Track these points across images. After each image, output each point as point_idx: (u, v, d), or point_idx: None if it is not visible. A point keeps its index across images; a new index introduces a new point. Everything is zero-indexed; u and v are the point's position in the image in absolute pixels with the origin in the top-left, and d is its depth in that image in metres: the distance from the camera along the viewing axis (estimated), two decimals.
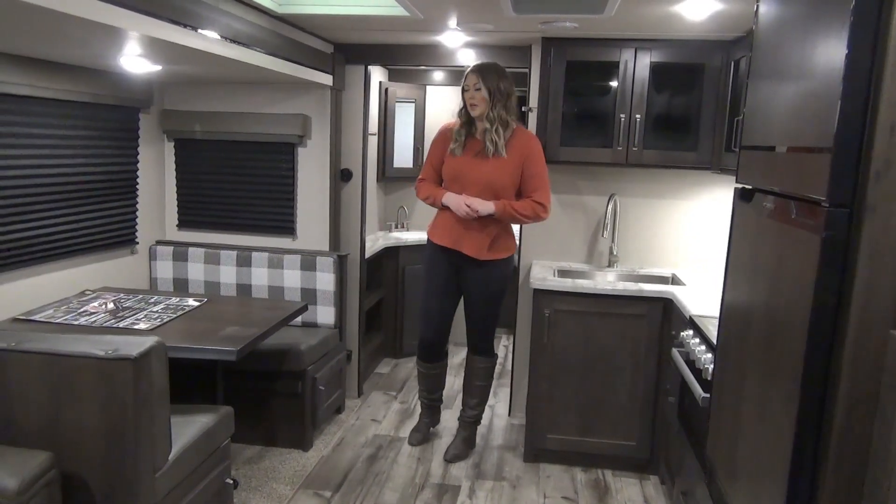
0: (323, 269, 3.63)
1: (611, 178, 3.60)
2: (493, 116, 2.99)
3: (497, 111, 2.99)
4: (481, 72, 3.00)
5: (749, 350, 1.74)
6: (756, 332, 1.70)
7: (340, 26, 3.28)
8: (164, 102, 3.77)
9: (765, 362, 1.61)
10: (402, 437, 3.56)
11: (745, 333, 1.79)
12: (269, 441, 3.36)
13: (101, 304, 2.95)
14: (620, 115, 3.30)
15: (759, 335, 1.67)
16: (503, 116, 3.00)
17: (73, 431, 1.93)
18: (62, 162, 3.03)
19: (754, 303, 1.73)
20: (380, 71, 4.85)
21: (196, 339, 2.58)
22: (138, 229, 3.62)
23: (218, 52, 2.53)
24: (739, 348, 1.84)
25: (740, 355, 1.82)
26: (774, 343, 1.55)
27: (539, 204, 3.04)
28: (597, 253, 3.70)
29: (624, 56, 3.27)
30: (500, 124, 2.99)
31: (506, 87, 3.00)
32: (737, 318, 1.89)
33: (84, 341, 1.97)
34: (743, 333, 1.82)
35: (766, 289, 1.64)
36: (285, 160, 3.73)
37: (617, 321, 3.17)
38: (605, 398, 3.23)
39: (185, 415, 2.39)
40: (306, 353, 3.28)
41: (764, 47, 1.77)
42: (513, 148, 3.01)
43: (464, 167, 3.08)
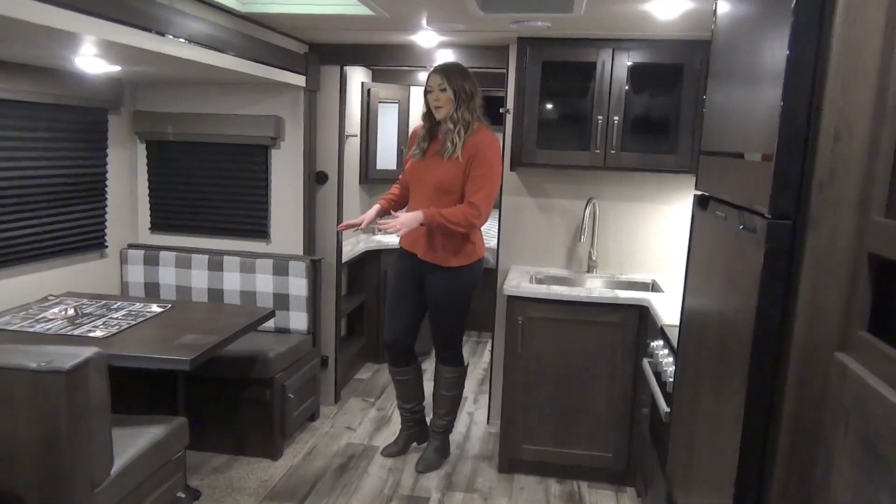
0: (295, 273, 3.56)
1: (589, 181, 3.51)
2: (456, 117, 2.91)
3: (461, 112, 2.90)
4: (445, 72, 2.91)
5: (703, 362, 1.67)
6: (709, 344, 1.62)
7: (308, 26, 3.21)
8: (136, 103, 3.70)
9: (717, 376, 1.53)
10: (375, 446, 3.49)
11: (701, 345, 1.71)
12: (238, 450, 3.29)
13: (61, 310, 2.88)
14: (598, 117, 3.21)
15: (712, 348, 1.59)
16: (466, 117, 2.91)
17: (6, 445, 1.86)
18: (23, 164, 2.96)
19: (708, 314, 1.65)
20: (362, 72, 4.77)
21: (150, 347, 2.51)
22: (108, 232, 3.56)
23: (178, 55, 2.47)
24: (696, 360, 1.76)
25: (696, 367, 1.74)
26: (725, 357, 1.47)
27: (472, 207, 2.88)
28: (576, 258, 3.61)
29: (601, 56, 3.19)
30: (462, 125, 2.91)
31: (470, 88, 2.92)
32: (693, 330, 1.81)
33: (18, 353, 1.90)
34: (698, 345, 1.74)
35: (717, 300, 1.56)
36: (258, 162, 3.66)
37: (593, 329, 3.08)
38: (582, 408, 3.14)
39: (135, 426, 2.32)
40: (274, 360, 3.21)
41: (720, 48, 1.70)
42: (465, 148, 2.92)
43: (420, 169, 3.01)
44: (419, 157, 3.03)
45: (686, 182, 3.39)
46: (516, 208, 3.62)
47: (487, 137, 2.97)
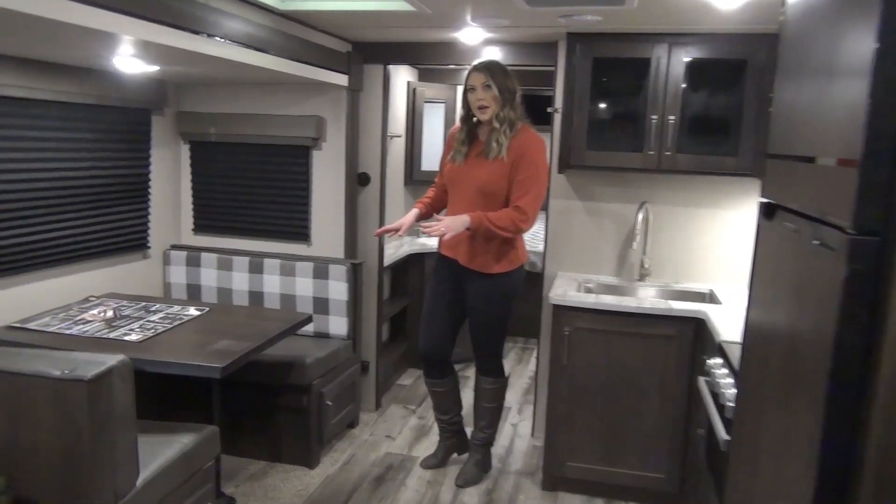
0: (336, 277, 3.48)
1: (642, 184, 3.32)
2: (502, 116, 2.76)
3: (506, 111, 2.76)
4: (489, 69, 2.77)
5: (769, 390, 1.49)
6: (775, 370, 1.44)
7: (349, 23, 3.13)
8: (179, 104, 3.69)
9: (785, 408, 1.35)
10: (414, 457, 3.38)
11: (765, 370, 1.53)
12: (275, 457, 3.23)
13: (100, 312, 2.87)
14: (652, 117, 3.03)
15: (779, 374, 1.41)
16: (510, 116, 2.77)
17: (29, 454, 1.82)
18: (66, 165, 2.96)
19: (775, 335, 1.47)
20: (408, 71, 4.69)
21: (183, 353, 2.45)
22: (151, 233, 3.55)
23: (216, 54, 2.42)
24: (759, 386, 1.58)
25: (760, 394, 1.56)
26: (794, 387, 1.29)
27: (519, 211, 2.74)
28: (627, 266, 3.42)
29: (657, 52, 3.00)
30: (507, 125, 2.77)
31: (512, 85, 2.77)
32: (757, 353, 1.62)
33: (43, 359, 1.85)
34: (762, 369, 1.56)
35: (786, 321, 1.38)
36: (299, 163, 3.60)
37: (644, 342, 2.90)
38: (631, 425, 2.96)
39: (164, 434, 2.27)
40: (312, 366, 3.13)
41: (790, 41, 1.52)
42: (510, 149, 2.78)
43: (462, 172, 2.88)
44: (460, 161, 2.90)
45: (748, 186, 3.17)
46: (564, 212, 3.46)
47: (533, 138, 2.82)
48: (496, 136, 2.76)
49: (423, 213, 3.07)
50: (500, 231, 2.74)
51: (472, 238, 2.84)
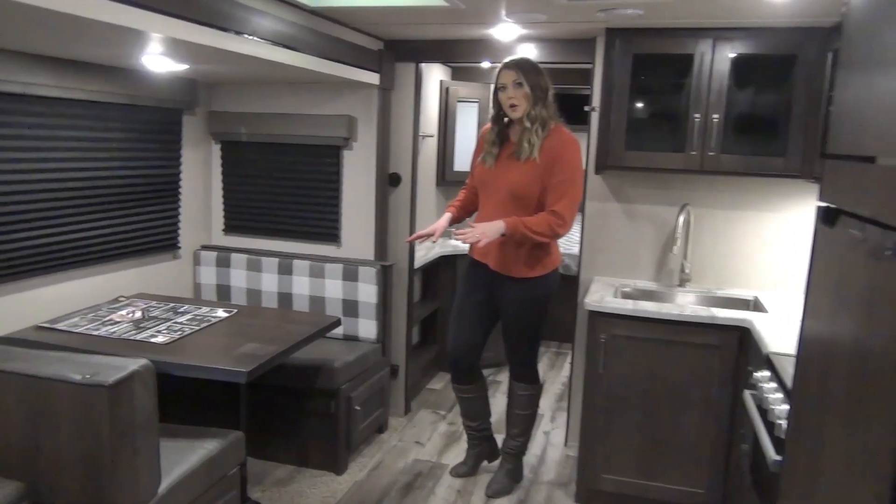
0: (365, 279, 3.41)
1: (683, 186, 3.19)
2: (534, 115, 2.66)
3: (538, 109, 2.66)
4: (520, 66, 2.67)
5: (831, 412, 1.36)
6: (839, 389, 1.31)
7: (380, 20, 3.06)
8: (211, 104, 3.67)
9: (851, 433, 1.23)
10: (444, 464, 3.29)
11: (826, 388, 1.40)
12: (302, 462, 3.17)
13: (129, 312, 2.85)
14: (695, 116, 2.90)
15: (844, 395, 1.28)
16: (543, 115, 2.67)
17: (51, 460, 1.79)
18: (97, 165, 2.95)
19: (837, 351, 1.34)
20: (441, 69, 4.61)
21: (209, 356, 2.41)
22: (181, 234, 3.53)
23: (245, 52, 2.37)
24: (818, 406, 1.45)
25: (819, 415, 1.44)
26: (863, 410, 1.17)
27: (555, 216, 2.63)
28: (666, 270, 3.29)
29: (700, 48, 2.87)
30: (539, 124, 2.67)
31: (544, 83, 2.67)
32: (815, 368, 1.50)
33: (65, 363, 1.82)
34: (822, 387, 1.43)
35: (851, 336, 1.26)
36: (330, 163, 3.55)
37: (685, 351, 2.77)
38: (670, 438, 2.83)
39: (188, 439, 2.23)
40: (340, 370, 3.07)
41: (855, 33, 1.39)
42: (543, 150, 2.67)
43: (493, 174, 2.78)
44: (491, 163, 2.80)
45: (797, 188, 3.02)
46: (601, 215, 3.34)
47: (567, 139, 2.72)
48: (528, 136, 2.66)
49: (455, 216, 2.99)
50: (537, 236, 2.64)
51: (504, 242, 2.75)
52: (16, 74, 2.45)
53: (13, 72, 2.43)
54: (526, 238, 2.65)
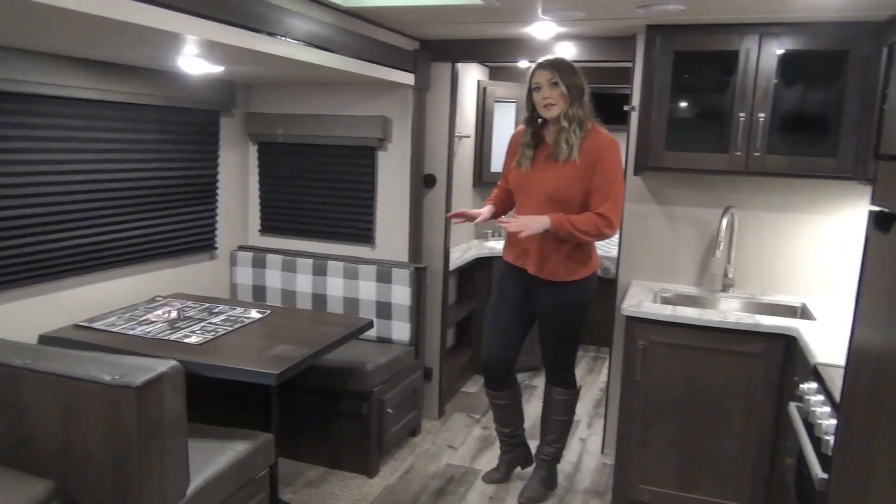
0: (399, 281, 3.39)
1: (726, 188, 3.08)
2: (571, 115, 2.59)
3: (574, 109, 2.59)
4: (555, 66, 2.60)
5: (883, 427, 1.27)
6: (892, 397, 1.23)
7: (414, 20, 3.02)
8: (249, 105, 3.69)
9: None
10: (476, 469, 3.25)
11: (879, 402, 1.31)
12: (334, 463, 3.17)
13: (165, 312, 2.88)
14: (740, 115, 2.79)
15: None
16: (580, 115, 2.60)
17: (81, 459, 1.80)
18: (135, 166, 2.98)
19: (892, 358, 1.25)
20: (478, 69, 4.56)
21: (240, 357, 2.41)
22: (219, 234, 3.57)
23: (279, 53, 2.38)
24: (871, 421, 1.36)
25: (871, 431, 1.34)
26: None
27: (602, 218, 2.57)
28: (709, 275, 3.18)
29: (745, 44, 2.75)
30: (577, 124, 2.60)
31: (580, 83, 2.60)
32: (866, 381, 1.40)
33: (96, 363, 1.83)
34: (875, 401, 1.34)
35: None
36: (365, 164, 3.53)
37: (727, 359, 2.67)
38: (711, 448, 2.73)
39: (218, 440, 2.23)
40: (372, 372, 3.05)
41: None
42: (582, 152, 2.60)
43: (529, 177, 2.71)
44: (527, 165, 2.74)
45: (849, 190, 2.89)
46: (640, 217, 3.25)
47: (607, 140, 2.64)
48: (565, 137, 2.59)
49: (496, 212, 2.93)
50: (582, 235, 2.57)
51: (542, 245, 2.69)
52: (54, 77, 2.49)
53: (51, 74, 2.48)
54: (571, 236, 2.58)
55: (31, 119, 2.50)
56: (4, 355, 1.86)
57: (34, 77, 2.43)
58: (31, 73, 2.41)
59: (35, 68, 2.42)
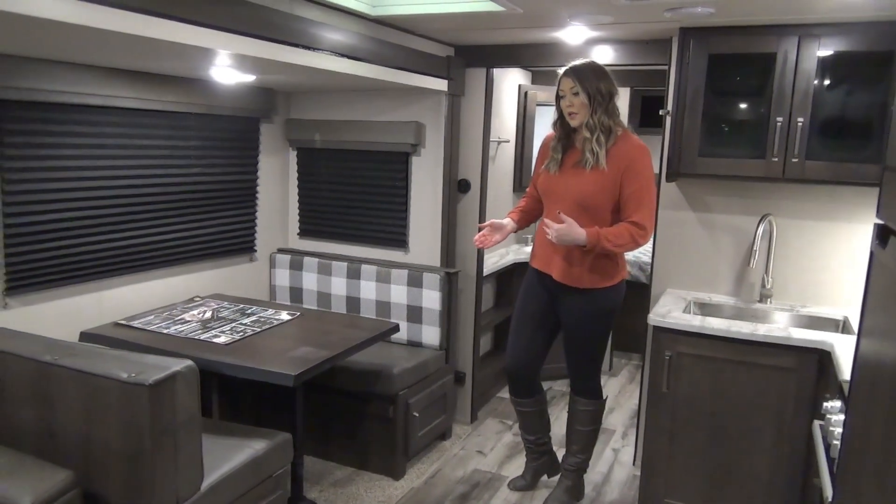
0: (429, 286, 3.41)
1: (764, 195, 2.97)
2: (593, 123, 2.55)
3: (598, 117, 2.55)
4: (577, 73, 2.57)
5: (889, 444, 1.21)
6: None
7: (442, 27, 3.05)
8: (290, 112, 3.80)
9: None
10: (503, 476, 3.24)
11: (888, 415, 1.25)
12: (361, 464, 3.22)
13: (200, 312, 2.99)
14: (777, 119, 2.69)
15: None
16: (605, 122, 2.55)
17: (100, 451, 1.90)
18: (177, 171, 3.11)
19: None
20: (520, 73, 4.54)
21: (263, 358, 2.48)
22: (258, 237, 3.68)
23: (310, 65, 2.45)
24: (874, 433, 1.29)
25: (875, 444, 1.28)
26: None
27: (636, 226, 2.53)
28: (746, 285, 3.07)
29: (783, 46, 2.65)
30: (601, 132, 2.56)
31: (607, 88, 2.55)
32: (871, 395, 1.34)
33: (116, 361, 1.92)
34: (881, 414, 1.27)
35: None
36: (398, 170, 3.58)
37: (757, 373, 2.57)
38: (739, 464, 2.64)
39: (237, 438, 2.31)
40: (399, 376, 3.09)
41: None
42: (612, 158, 2.56)
43: (558, 182, 2.68)
44: (555, 169, 2.72)
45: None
46: (674, 224, 3.17)
47: (636, 146, 2.59)
48: (589, 146, 2.56)
49: (517, 224, 2.91)
50: (619, 248, 2.56)
51: (568, 251, 2.66)
52: (98, 88, 2.63)
53: (96, 85, 2.62)
54: (606, 251, 2.57)
55: (78, 127, 2.65)
56: (37, 351, 1.98)
57: (80, 88, 2.57)
58: (76, 84, 2.56)
59: (80, 80, 2.57)
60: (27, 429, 2.00)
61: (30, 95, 2.41)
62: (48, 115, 2.52)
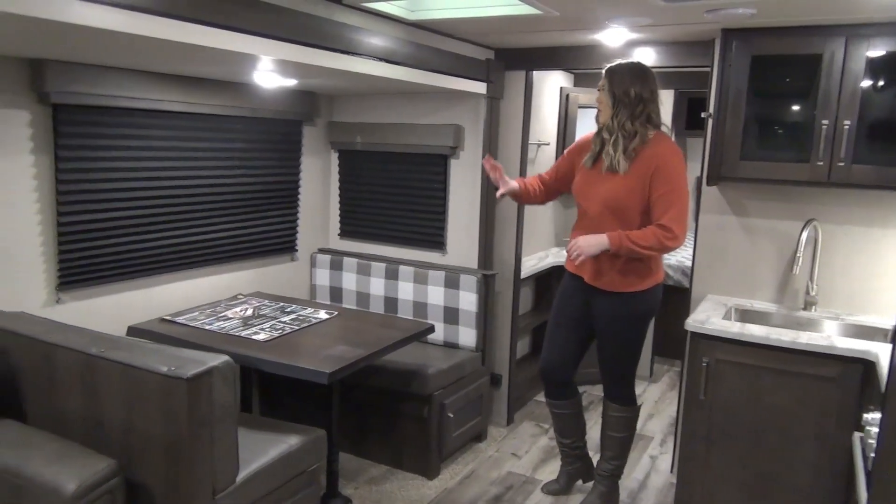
0: (466, 287, 3.43)
1: (808, 199, 2.89)
2: (612, 125, 2.54)
3: (619, 119, 2.53)
4: (610, 72, 2.57)
5: None
6: None
7: (481, 30, 3.06)
8: (333, 114, 3.87)
9: None
10: (538, 479, 3.23)
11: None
12: (396, 463, 3.25)
13: (242, 309, 3.07)
14: (823, 122, 2.62)
15: None
16: (627, 126, 2.53)
17: (141, 442, 1.98)
18: (222, 173, 3.21)
19: None
20: (561, 75, 4.52)
21: (299, 355, 2.54)
22: (300, 237, 3.76)
23: (349, 69, 2.51)
24: None
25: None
26: None
27: (664, 230, 2.49)
28: (789, 291, 3.00)
29: (830, 47, 2.59)
30: (621, 135, 2.54)
31: (638, 92, 2.52)
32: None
33: (157, 355, 2.00)
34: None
35: None
36: (437, 172, 3.61)
37: (798, 382, 2.51)
38: (778, 476, 2.58)
39: (272, 433, 2.36)
40: (434, 376, 3.11)
41: None
42: (640, 161, 2.53)
43: (588, 182, 2.68)
44: (589, 164, 2.71)
45: None
46: (715, 228, 3.11)
47: (668, 148, 2.57)
48: (606, 148, 2.55)
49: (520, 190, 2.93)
50: (644, 251, 2.53)
51: (599, 255, 2.65)
52: (148, 92, 2.73)
53: (145, 90, 2.72)
54: (632, 253, 2.55)
55: (128, 130, 2.76)
56: (85, 344, 2.07)
57: (130, 92, 2.68)
58: (127, 88, 2.67)
59: (131, 84, 2.68)
60: (75, 417, 2.10)
61: (83, 100, 2.53)
62: (100, 118, 2.64)
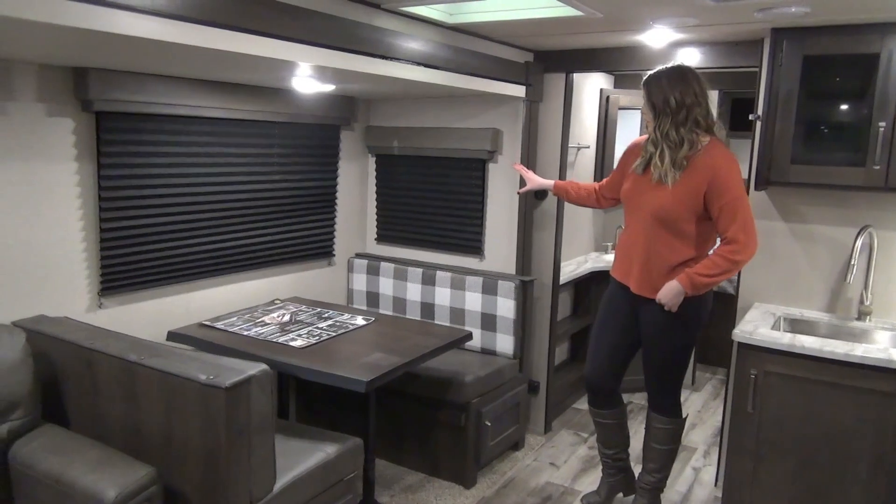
0: (504, 294, 3.38)
1: (865, 204, 2.77)
2: (656, 137, 2.47)
3: (664, 129, 2.45)
4: (646, 83, 2.50)
5: None
6: None
7: (521, 32, 3.01)
8: (370, 119, 3.86)
9: None
10: (576, 490, 3.16)
11: None
12: (433, 471, 3.22)
13: (280, 315, 3.08)
14: (879, 124, 2.50)
15: None
16: (672, 136, 2.44)
17: (180, 449, 1.98)
18: (259, 178, 3.22)
19: None
20: (602, 77, 4.44)
21: (336, 363, 2.52)
22: (337, 242, 3.75)
23: (388, 74, 2.49)
24: None
25: None
26: None
27: (729, 244, 2.42)
28: (842, 300, 2.87)
29: (888, 45, 2.47)
30: (666, 146, 2.45)
31: (679, 98, 2.43)
32: None
33: (196, 363, 2.00)
34: None
35: None
36: (475, 176, 3.57)
37: (853, 396, 2.40)
38: (830, 495, 2.47)
39: (310, 441, 2.35)
40: (471, 384, 3.07)
41: None
42: (693, 170, 2.45)
43: (637, 190, 2.61)
44: (639, 171, 2.63)
45: None
46: (763, 234, 2.94)
47: (722, 156, 2.46)
48: (654, 160, 2.48)
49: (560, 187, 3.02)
50: (718, 278, 2.48)
51: (647, 260, 2.58)
52: (188, 99, 2.75)
53: (185, 97, 2.74)
54: (708, 286, 2.52)
55: (169, 137, 2.78)
56: (124, 350, 2.09)
57: (171, 99, 2.70)
58: (167, 95, 2.69)
59: (171, 91, 2.70)
60: (115, 424, 2.11)
61: (125, 107, 2.56)
62: (142, 125, 2.66)
